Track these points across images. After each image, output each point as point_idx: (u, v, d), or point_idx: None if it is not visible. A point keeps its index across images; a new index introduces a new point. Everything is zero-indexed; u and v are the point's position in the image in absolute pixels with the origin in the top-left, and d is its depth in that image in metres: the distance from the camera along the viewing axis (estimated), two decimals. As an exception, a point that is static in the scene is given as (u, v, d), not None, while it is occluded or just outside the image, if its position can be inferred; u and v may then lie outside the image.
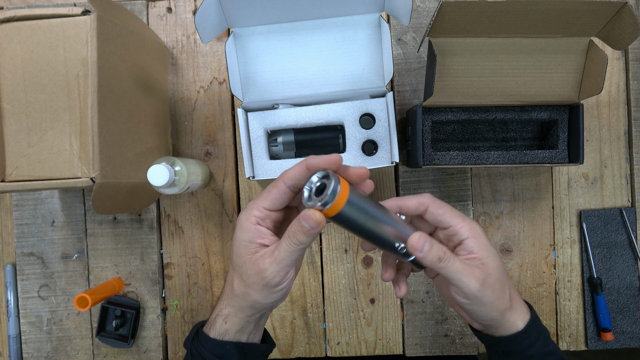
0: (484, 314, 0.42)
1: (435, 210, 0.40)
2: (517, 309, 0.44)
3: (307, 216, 0.35)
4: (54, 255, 0.69)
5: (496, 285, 0.40)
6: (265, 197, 0.39)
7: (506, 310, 0.42)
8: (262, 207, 0.38)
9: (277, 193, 0.38)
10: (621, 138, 0.67)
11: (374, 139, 0.59)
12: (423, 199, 0.41)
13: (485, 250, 0.40)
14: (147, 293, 0.68)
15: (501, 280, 0.41)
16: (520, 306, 0.44)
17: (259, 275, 0.38)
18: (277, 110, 0.60)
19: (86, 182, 0.49)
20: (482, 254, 0.40)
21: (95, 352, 0.69)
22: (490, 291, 0.40)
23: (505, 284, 0.42)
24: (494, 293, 0.40)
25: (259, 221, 0.39)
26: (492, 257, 0.41)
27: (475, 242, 0.40)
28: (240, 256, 0.39)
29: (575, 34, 0.53)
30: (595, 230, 0.67)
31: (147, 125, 0.61)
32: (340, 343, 0.68)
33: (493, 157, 0.58)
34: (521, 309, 0.44)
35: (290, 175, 0.37)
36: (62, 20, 0.51)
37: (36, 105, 0.51)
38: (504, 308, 0.42)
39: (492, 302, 0.41)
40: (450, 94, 0.56)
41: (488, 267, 0.40)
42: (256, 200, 0.39)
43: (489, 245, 0.41)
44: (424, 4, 0.68)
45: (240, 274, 0.40)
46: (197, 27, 0.50)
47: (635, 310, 0.66)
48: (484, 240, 0.41)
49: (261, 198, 0.39)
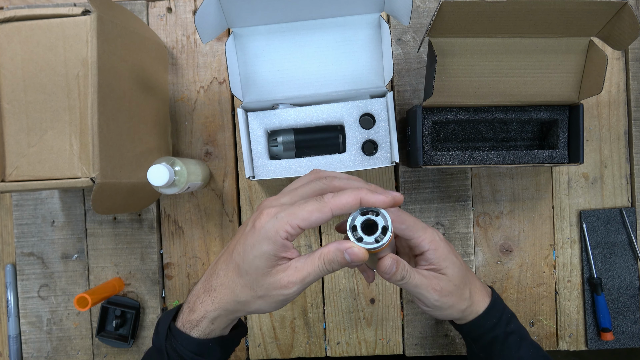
0: (445, 316, 0.48)
1: (398, 225, 0.43)
2: (476, 301, 0.48)
3: (353, 253, 0.36)
4: (54, 255, 0.69)
5: (455, 291, 0.45)
6: (303, 216, 0.36)
7: (467, 307, 0.47)
8: (297, 226, 0.36)
9: (320, 218, 0.36)
10: (621, 138, 0.67)
11: (374, 139, 0.59)
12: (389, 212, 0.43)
13: (444, 260, 0.45)
14: (147, 293, 0.69)
15: (460, 285, 0.46)
16: (480, 297, 0.49)
17: (278, 291, 0.38)
18: (277, 110, 0.60)
19: (86, 182, 0.49)
20: (440, 264, 0.44)
21: (95, 352, 0.69)
22: (448, 298, 0.45)
23: (464, 286, 0.47)
24: (452, 299, 0.45)
25: (288, 237, 0.37)
26: (450, 266, 0.45)
27: (434, 254, 0.44)
28: (257, 267, 0.38)
29: (575, 34, 0.53)
30: (595, 230, 0.67)
31: (147, 125, 0.61)
32: (340, 343, 0.69)
33: (493, 157, 0.58)
34: (482, 298, 0.49)
35: (341, 206, 0.36)
36: (62, 20, 0.51)
37: (36, 105, 0.51)
38: (464, 307, 0.47)
39: (452, 306, 0.46)
40: (450, 94, 0.56)
41: (447, 276, 0.45)
42: (289, 213, 0.36)
43: (449, 254, 0.45)
44: (424, 4, 0.68)
45: (251, 283, 0.38)
46: (197, 27, 0.50)
47: (635, 310, 0.66)
48: (443, 251, 0.45)
49: (297, 215, 0.36)
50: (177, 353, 0.41)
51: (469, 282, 0.48)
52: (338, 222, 0.46)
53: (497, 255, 0.68)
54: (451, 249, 0.47)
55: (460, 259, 0.48)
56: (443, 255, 0.45)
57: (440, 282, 0.44)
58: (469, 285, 0.48)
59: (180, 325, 0.42)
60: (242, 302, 0.40)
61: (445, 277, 0.45)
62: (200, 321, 0.41)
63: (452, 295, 0.45)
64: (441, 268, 0.45)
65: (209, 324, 0.41)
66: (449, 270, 0.45)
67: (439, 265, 0.44)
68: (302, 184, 0.40)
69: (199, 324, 0.41)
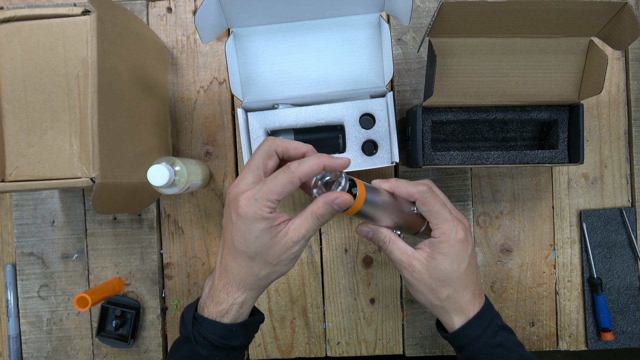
0: (417, 298, 0.50)
1: (420, 206, 0.47)
2: (460, 310, 0.48)
3: (342, 201, 0.41)
4: (54, 255, 0.69)
5: (430, 283, 0.47)
6: (277, 190, 0.40)
7: (439, 307, 0.48)
8: (275, 200, 0.40)
9: (292, 187, 0.40)
10: (621, 138, 0.67)
11: (374, 139, 0.59)
12: (415, 190, 0.46)
13: (443, 256, 0.46)
14: (147, 293, 0.68)
15: (440, 284, 0.47)
16: (468, 307, 0.49)
17: (288, 252, 0.42)
18: (277, 110, 0.60)
19: (86, 182, 0.49)
20: (435, 255, 0.47)
21: (95, 352, 0.69)
22: (419, 284, 0.47)
23: (445, 288, 0.47)
24: (422, 286, 0.47)
25: (272, 210, 0.41)
26: (443, 264, 0.46)
27: (437, 245, 0.47)
28: (262, 244, 0.41)
29: (576, 34, 0.53)
30: (595, 230, 0.67)
31: (147, 125, 0.61)
32: (340, 343, 0.69)
33: (493, 157, 0.58)
34: (470, 308, 0.49)
35: (306, 172, 0.40)
36: (62, 20, 0.51)
37: (36, 105, 0.51)
38: (435, 304, 0.48)
39: (422, 293, 0.48)
40: (450, 94, 0.56)
41: (430, 266, 0.47)
42: (265, 192, 0.40)
43: (450, 253, 0.47)
44: (424, 4, 0.68)
45: (264, 258, 0.42)
46: (197, 27, 0.50)
47: (635, 310, 0.66)
48: (448, 249, 0.46)
49: (273, 191, 0.40)
50: (205, 338, 0.43)
51: (457, 289, 0.48)
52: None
53: (497, 255, 0.68)
54: (459, 253, 0.47)
55: (462, 268, 0.47)
56: (444, 252, 0.46)
57: (419, 265, 0.47)
58: (455, 291, 0.47)
59: (210, 314, 0.44)
60: (264, 276, 0.43)
61: (429, 266, 0.47)
62: (229, 309, 0.44)
63: (423, 284, 0.47)
64: (435, 258, 0.46)
65: (238, 308, 0.44)
66: (437, 264, 0.46)
67: (433, 255, 0.47)
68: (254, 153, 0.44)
69: (229, 312, 0.44)
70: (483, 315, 0.49)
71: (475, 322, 0.48)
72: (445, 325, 0.50)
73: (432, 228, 0.48)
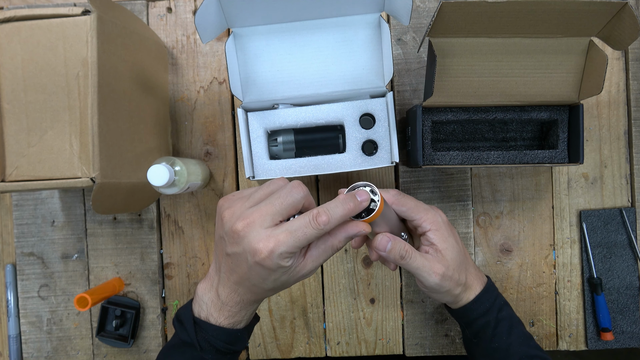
0: (439, 299, 0.50)
1: (398, 207, 0.47)
2: (470, 287, 0.50)
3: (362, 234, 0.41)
4: (54, 255, 0.69)
5: (454, 275, 0.47)
6: (301, 244, 0.38)
7: (461, 292, 0.49)
8: (298, 249, 0.39)
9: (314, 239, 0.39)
10: (621, 138, 0.67)
11: (374, 139, 0.59)
12: (389, 195, 0.47)
13: (445, 242, 0.47)
14: (147, 293, 0.69)
15: (458, 269, 0.48)
16: (474, 283, 0.50)
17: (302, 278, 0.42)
18: (277, 110, 0.60)
19: (86, 182, 0.49)
20: (441, 245, 0.47)
21: (95, 352, 0.69)
22: (448, 282, 0.46)
23: (461, 271, 0.48)
24: (451, 283, 0.47)
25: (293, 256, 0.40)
26: (450, 249, 0.47)
27: (435, 235, 0.47)
28: (282, 283, 0.41)
29: (576, 34, 0.53)
30: (595, 230, 0.67)
31: (147, 125, 0.61)
32: (340, 343, 0.69)
33: (493, 157, 0.58)
34: (476, 284, 0.50)
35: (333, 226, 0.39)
36: (62, 20, 0.51)
37: (36, 105, 0.51)
38: (458, 292, 0.48)
39: (448, 291, 0.47)
40: (450, 94, 0.56)
41: (446, 259, 0.46)
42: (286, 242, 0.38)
43: (449, 236, 0.47)
44: (424, 4, 0.68)
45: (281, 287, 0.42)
46: (197, 27, 0.50)
47: (635, 310, 0.66)
48: (444, 232, 0.47)
49: (295, 245, 0.38)
50: (210, 344, 0.43)
51: (465, 268, 0.50)
52: None
53: (497, 255, 0.68)
54: (452, 232, 0.49)
55: (460, 243, 0.50)
56: (444, 237, 0.47)
57: (441, 266, 0.46)
58: (465, 270, 0.49)
59: (215, 320, 0.44)
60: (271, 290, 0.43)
61: (446, 260, 0.46)
62: (242, 320, 0.45)
63: (451, 280, 0.47)
64: (442, 249, 0.47)
65: (248, 318, 0.45)
66: (449, 254, 0.47)
67: (440, 246, 0.47)
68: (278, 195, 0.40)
69: (242, 322, 0.45)
70: (489, 290, 0.51)
71: (483, 296, 0.50)
72: (457, 304, 0.51)
73: (416, 225, 0.48)
